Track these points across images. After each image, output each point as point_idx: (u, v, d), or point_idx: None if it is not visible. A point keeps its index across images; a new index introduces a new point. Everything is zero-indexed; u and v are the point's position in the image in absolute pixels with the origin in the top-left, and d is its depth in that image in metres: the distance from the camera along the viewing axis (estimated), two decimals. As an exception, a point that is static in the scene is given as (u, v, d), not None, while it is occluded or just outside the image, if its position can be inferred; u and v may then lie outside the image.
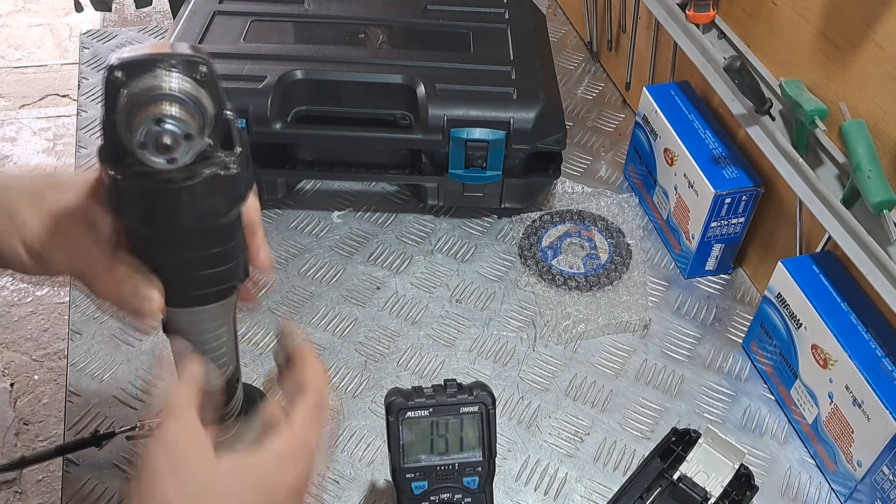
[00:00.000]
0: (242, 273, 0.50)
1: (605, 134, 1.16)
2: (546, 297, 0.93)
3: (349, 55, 0.99)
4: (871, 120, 0.72)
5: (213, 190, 0.43)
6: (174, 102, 0.38)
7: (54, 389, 1.90)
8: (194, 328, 0.51)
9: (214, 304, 0.49)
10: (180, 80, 0.39)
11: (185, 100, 0.39)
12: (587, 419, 0.82)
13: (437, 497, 0.66)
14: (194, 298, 0.49)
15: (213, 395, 0.55)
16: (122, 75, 0.38)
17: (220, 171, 0.42)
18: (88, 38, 1.28)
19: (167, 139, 0.38)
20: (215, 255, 0.47)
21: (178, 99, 0.38)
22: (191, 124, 0.39)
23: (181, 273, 0.47)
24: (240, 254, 0.49)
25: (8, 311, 2.07)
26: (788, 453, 0.80)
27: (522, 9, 1.10)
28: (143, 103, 0.38)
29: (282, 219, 1.01)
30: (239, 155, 0.43)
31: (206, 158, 0.42)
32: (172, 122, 0.38)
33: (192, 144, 0.39)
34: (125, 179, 0.42)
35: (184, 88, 0.39)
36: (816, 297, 0.76)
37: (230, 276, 0.49)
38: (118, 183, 0.42)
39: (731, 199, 0.88)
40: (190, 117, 0.39)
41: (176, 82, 0.38)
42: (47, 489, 1.73)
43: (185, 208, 0.43)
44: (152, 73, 0.38)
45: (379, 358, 0.87)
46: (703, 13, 0.92)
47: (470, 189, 0.98)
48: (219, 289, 0.49)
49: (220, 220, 0.45)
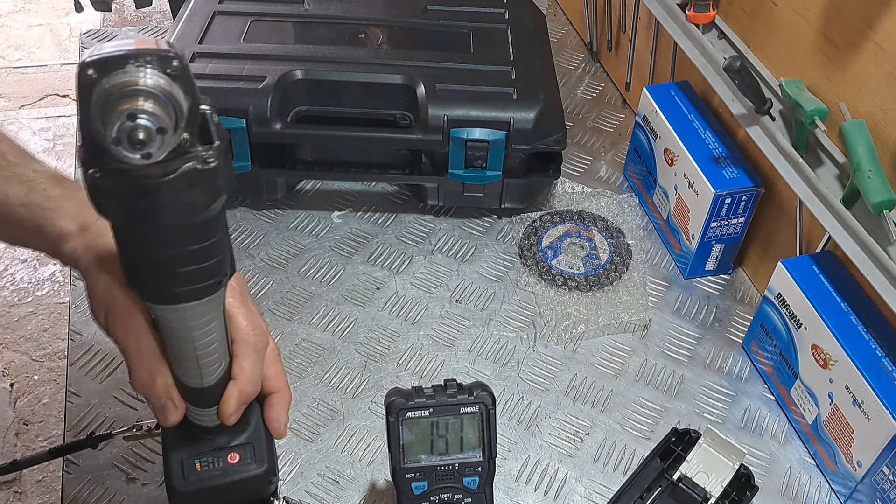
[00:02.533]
0: (228, 268, 0.50)
1: (605, 134, 1.16)
2: (546, 297, 0.93)
3: (349, 55, 0.99)
4: (871, 120, 0.72)
5: (192, 184, 0.43)
6: (146, 97, 0.38)
7: (54, 389, 1.90)
8: (182, 325, 0.51)
9: (201, 301, 0.49)
10: (152, 75, 0.39)
11: (157, 94, 0.39)
12: (587, 419, 0.82)
13: (437, 497, 0.66)
14: (180, 295, 0.49)
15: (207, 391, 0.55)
16: (93, 73, 0.39)
17: (199, 165, 0.42)
18: (88, 38, 1.28)
19: (140, 134, 0.38)
20: (199, 250, 0.47)
21: (150, 94, 0.38)
22: (164, 119, 0.39)
23: (165, 270, 0.47)
24: (224, 249, 0.49)
25: (8, 312, 2.07)
26: (788, 453, 0.80)
27: (522, 9, 1.10)
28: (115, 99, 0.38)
29: (282, 219, 1.01)
30: (217, 148, 0.43)
31: (184, 153, 0.42)
32: (145, 117, 0.38)
33: (167, 139, 0.39)
34: (103, 177, 0.42)
35: (156, 83, 0.39)
36: (816, 297, 0.76)
37: (215, 271, 0.49)
38: (97, 181, 0.42)
39: (731, 199, 0.88)
40: (163, 111, 0.39)
41: (148, 78, 0.39)
42: (47, 489, 1.73)
43: (164, 204, 0.43)
44: (124, 70, 0.39)
45: (379, 358, 0.87)
46: (703, 13, 0.92)
47: (470, 189, 0.98)
48: (205, 285, 0.49)
49: (201, 214, 0.45)
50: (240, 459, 0.59)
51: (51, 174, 0.60)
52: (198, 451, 0.58)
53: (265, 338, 0.58)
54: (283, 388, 0.60)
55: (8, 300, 2.09)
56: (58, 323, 2.04)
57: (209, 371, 0.54)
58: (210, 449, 0.58)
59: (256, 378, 0.57)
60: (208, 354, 0.53)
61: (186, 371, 0.54)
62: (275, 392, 0.59)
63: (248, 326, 0.56)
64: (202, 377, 0.54)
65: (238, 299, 0.57)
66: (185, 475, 0.58)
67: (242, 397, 0.56)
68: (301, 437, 0.80)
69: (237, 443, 0.59)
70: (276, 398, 0.60)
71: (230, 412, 0.56)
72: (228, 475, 0.58)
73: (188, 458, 0.58)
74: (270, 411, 0.59)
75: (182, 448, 0.58)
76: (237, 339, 0.56)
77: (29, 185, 0.59)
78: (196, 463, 0.58)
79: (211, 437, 0.58)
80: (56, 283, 2.13)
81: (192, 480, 0.58)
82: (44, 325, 2.04)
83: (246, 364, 0.56)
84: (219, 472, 0.58)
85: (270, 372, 0.59)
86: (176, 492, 0.58)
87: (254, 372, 0.56)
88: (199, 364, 0.53)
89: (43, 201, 0.58)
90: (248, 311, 0.57)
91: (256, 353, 0.56)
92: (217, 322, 0.52)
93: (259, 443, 0.59)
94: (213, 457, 0.58)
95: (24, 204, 0.58)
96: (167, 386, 0.54)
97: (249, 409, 0.59)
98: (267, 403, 0.59)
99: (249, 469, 0.59)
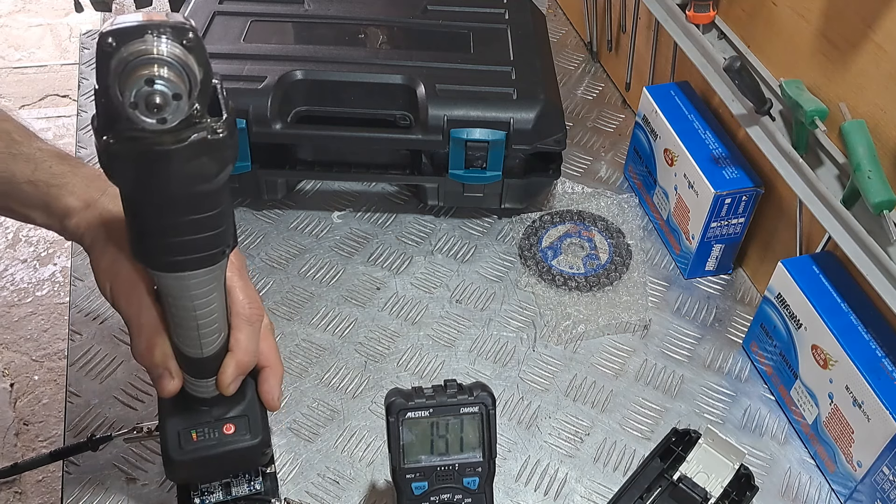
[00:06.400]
0: (231, 239, 0.52)
1: (605, 134, 1.16)
2: (546, 297, 0.93)
3: (349, 55, 0.99)
4: (871, 120, 0.72)
5: (202, 153, 0.45)
6: (164, 65, 0.41)
7: (54, 390, 1.90)
8: (184, 293, 0.52)
9: (203, 269, 0.51)
10: (169, 44, 0.41)
11: (173, 63, 0.41)
12: (587, 419, 0.82)
13: (438, 497, 0.66)
14: (184, 263, 0.50)
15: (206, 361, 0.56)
16: (113, 41, 0.40)
17: (208, 135, 0.44)
18: (88, 39, 1.28)
19: (157, 98, 0.40)
20: (204, 219, 0.49)
21: (167, 62, 0.41)
22: (179, 85, 0.41)
23: (171, 237, 0.49)
24: (228, 220, 0.51)
25: (8, 312, 2.07)
26: (788, 453, 0.80)
27: (522, 9, 1.10)
28: (134, 66, 0.40)
29: (282, 219, 1.01)
30: (226, 120, 0.45)
31: (194, 123, 0.44)
32: (162, 83, 0.40)
33: (181, 105, 0.41)
34: (117, 143, 0.44)
35: (172, 52, 0.41)
36: (816, 297, 0.76)
37: (218, 241, 0.51)
38: (111, 147, 0.44)
39: (731, 199, 0.88)
40: (179, 79, 0.41)
41: (165, 46, 0.41)
42: (47, 490, 1.73)
43: (174, 171, 0.45)
44: (142, 39, 0.41)
45: (379, 358, 0.87)
46: (703, 13, 0.92)
47: (470, 189, 0.98)
48: (208, 254, 0.51)
49: (209, 184, 0.47)
50: (235, 430, 0.60)
51: (55, 152, 0.62)
52: (195, 421, 0.60)
53: (260, 311, 0.59)
54: (275, 363, 0.62)
55: (8, 300, 2.09)
56: (58, 323, 2.04)
57: (209, 341, 0.55)
58: (206, 420, 0.60)
59: (253, 349, 0.58)
60: (208, 325, 0.54)
61: (187, 341, 0.55)
62: (267, 366, 0.61)
63: (245, 300, 0.58)
64: (202, 347, 0.55)
65: (237, 274, 0.58)
66: (182, 445, 0.59)
67: (240, 367, 0.58)
68: (301, 437, 0.80)
69: (233, 414, 0.61)
70: (268, 372, 0.61)
71: (228, 382, 0.57)
72: (224, 445, 0.60)
73: (185, 428, 0.60)
74: (263, 385, 0.61)
75: (179, 419, 0.60)
76: (234, 311, 0.57)
77: (34, 163, 0.60)
78: (192, 433, 0.60)
79: (207, 408, 0.60)
80: (56, 283, 2.13)
81: (188, 450, 0.59)
82: (44, 325, 2.04)
83: (241, 336, 0.57)
84: (214, 442, 0.60)
85: (263, 347, 0.60)
86: (172, 460, 0.60)
87: (250, 343, 0.58)
88: (199, 334, 0.54)
89: (49, 178, 0.60)
90: (246, 285, 0.59)
91: (251, 326, 0.58)
92: (218, 293, 0.54)
93: (254, 415, 0.61)
94: (210, 427, 0.60)
95: (30, 181, 0.60)
96: (165, 356, 0.55)
97: (245, 382, 0.61)
98: (260, 377, 0.61)
99: (244, 440, 0.61)
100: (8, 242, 2.23)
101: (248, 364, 0.58)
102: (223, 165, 0.46)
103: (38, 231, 2.23)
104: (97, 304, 0.90)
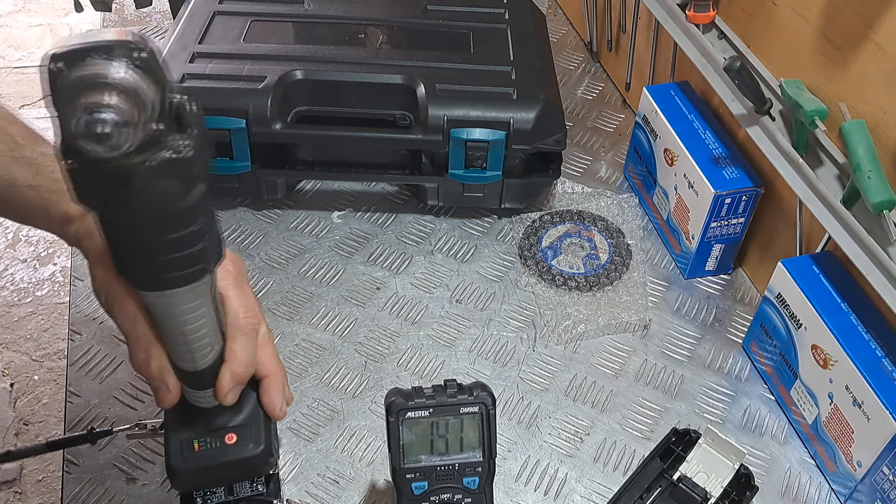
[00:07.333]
0: (215, 255, 0.50)
1: (605, 134, 1.16)
2: (546, 297, 0.93)
3: (349, 55, 0.99)
4: (871, 120, 0.72)
5: (167, 173, 0.42)
6: (108, 91, 0.37)
7: (54, 389, 1.90)
8: (169, 311, 0.51)
9: (187, 287, 0.50)
10: (115, 67, 0.38)
11: (119, 87, 0.38)
12: (587, 419, 0.82)
13: (438, 497, 0.66)
14: (164, 281, 0.49)
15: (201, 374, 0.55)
16: (57, 66, 0.38)
17: (172, 154, 0.42)
18: (88, 39, 1.28)
19: (101, 128, 0.37)
20: (179, 238, 0.47)
21: (111, 87, 0.37)
22: (126, 111, 0.38)
23: (148, 257, 0.48)
24: (208, 235, 0.49)
25: (8, 312, 2.07)
26: (788, 453, 0.80)
27: (522, 9, 1.10)
28: (76, 93, 0.37)
29: (282, 219, 1.01)
30: (192, 137, 0.42)
31: (157, 143, 0.41)
32: (106, 111, 0.37)
33: (131, 132, 0.38)
34: (80, 168, 0.41)
35: (118, 75, 0.38)
36: (816, 297, 0.76)
37: (199, 258, 0.49)
38: (73, 172, 0.42)
39: (731, 199, 0.88)
40: (126, 104, 0.38)
41: (110, 70, 0.38)
42: (47, 489, 1.73)
43: (140, 193, 0.43)
44: (84, 63, 0.38)
45: (379, 358, 0.87)
46: (703, 13, 0.92)
47: (470, 189, 0.98)
48: (189, 271, 0.49)
49: (179, 203, 0.45)
50: (237, 440, 0.60)
51: None
52: (197, 431, 0.59)
53: (256, 321, 0.58)
54: (275, 371, 0.61)
55: (8, 300, 2.09)
56: (58, 323, 2.04)
57: (201, 355, 0.55)
58: (208, 430, 0.59)
59: (248, 359, 0.58)
60: (199, 339, 0.54)
61: (179, 355, 0.54)
62: (267, 376, 0.60)
63: (241, 309, 0.57)
64: (194, 361, 0.55)
65: (232, 282, 0.57)
66: (184, 455, 0.59)
67: (235, 378, 0.57)
68: (301, 437, 0.80)
69: (235, 424, 0.60)
70: (269, 381, 0.61)
71: (224, 392, 0.57)
72: (226, 455, 0.59)
73: (187, 438, 0.59)
74: (264, 396, 0.60)
75: (182, 429, 0.59)
76: (229, 321, 0.56)
77: (37, 168, 0.60)
78: (195, 443, 0.59)
79: (209, 418, 0.59)
80: (56, 283, 2.13)
81: (190, 460, 0.59)
82: (44, 325, 2.04)
83: (235, 346, 0.57)
84: (217, 451, 0.59)
85: (262, 355, 0.59)
86: (175, 471, 0.59)
87: (245, 353, 0.57)
88: (190, 348, 0.53)
89: (49, 184, 0.59)
90: (241, 293, 0.58)
91: (246, 336, 0.57)
92: (206, 308, 0.52)
93: (256, 424, 0.60)
94: (212, 437, 0.59)
95: (32, 186, 0.59)
96: (161, 368, 0.55)
97: (246, 391, 0.60)
98: (261, 388, 0.61)
99: (247, 449, 0.60)
100: (8, 242, 2.23)
101: (245, 374, 0.58)
102: (191, 184, 0.44)
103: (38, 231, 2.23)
104: (97, 304, 0.89)
